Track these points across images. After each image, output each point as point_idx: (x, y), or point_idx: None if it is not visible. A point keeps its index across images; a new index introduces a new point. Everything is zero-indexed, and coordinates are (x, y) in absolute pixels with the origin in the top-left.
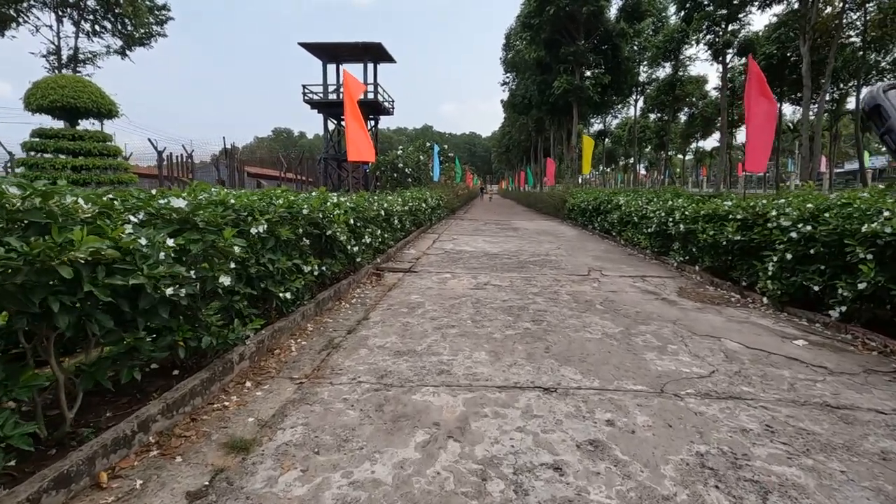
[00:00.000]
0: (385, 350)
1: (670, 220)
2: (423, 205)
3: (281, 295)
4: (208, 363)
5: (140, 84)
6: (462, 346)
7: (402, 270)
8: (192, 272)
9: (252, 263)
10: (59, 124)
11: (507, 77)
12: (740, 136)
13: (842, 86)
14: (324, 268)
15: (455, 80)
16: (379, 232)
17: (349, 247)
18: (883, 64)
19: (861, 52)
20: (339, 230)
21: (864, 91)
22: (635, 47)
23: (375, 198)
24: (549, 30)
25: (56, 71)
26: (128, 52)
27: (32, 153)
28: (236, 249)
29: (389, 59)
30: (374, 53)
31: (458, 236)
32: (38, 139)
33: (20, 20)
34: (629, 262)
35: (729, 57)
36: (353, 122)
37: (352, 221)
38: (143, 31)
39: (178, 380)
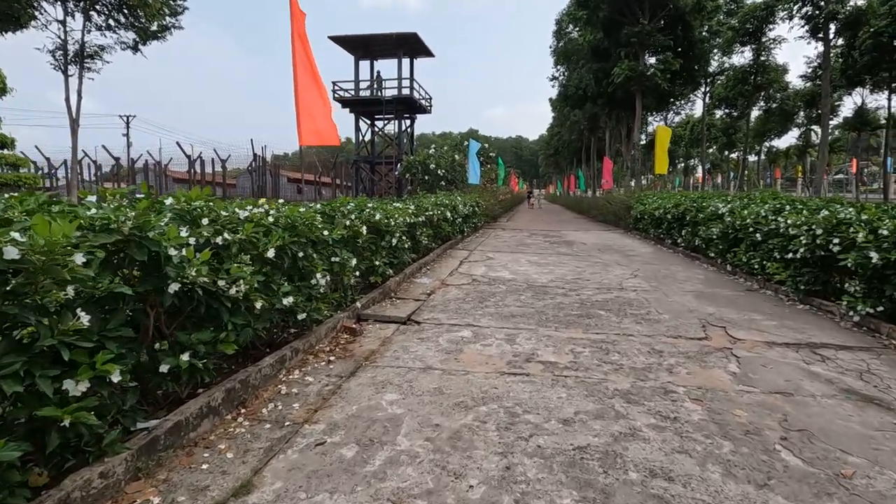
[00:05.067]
0: None
1: (833, 241)
2: (450, 213)
3: None
4: None
5: (189, 91)
6: None
7: (394, 321)
8: None
9: None
10: None
11: (557, 71)
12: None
13: None
14: (175, 362)
15: (501, 83)
16: (354, 262)
17: (260, 303)
18: None
19: None
20: (210, 277)
21: None
22: (705, 32)
23: (371, 205)
24: (607, 8)
25: (62, 68)
26: (140, 46)
27: None
28: None
29: (427, 53)
30: (409, 46)
31: (495, 254)
32: None
33: (34, 14)
34: (761, 308)
35: (830, 34)
36: (306, 79)
37: (271, 254)
38: (157, 23)
39: None
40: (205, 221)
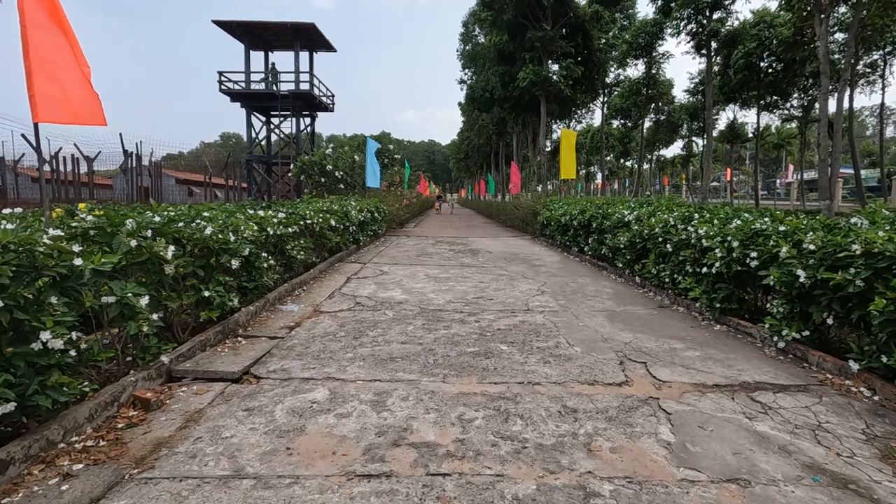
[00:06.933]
0: None
1: (750, 255)
2: (335, 221)
3: None
4: None
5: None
6: None
7: (222, 378)
8: None
9: None
10: None
11: (465, 74)
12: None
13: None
14: None
15: (415, 87)
16: (146, 300)
17: None
18: (859, 68)
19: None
20: None
21: None
22: (603, 44)
23: (206, 214)
24: (512, 10)
25: None
26: None
27: None
28: None
29: (327, 47)
30: (307, 38)
31: (391, 267)
32: None
33: None
34: (679, 332)
35: (712, 50)
36: (42, 23)
37: None
38: None
39: None
40: None
